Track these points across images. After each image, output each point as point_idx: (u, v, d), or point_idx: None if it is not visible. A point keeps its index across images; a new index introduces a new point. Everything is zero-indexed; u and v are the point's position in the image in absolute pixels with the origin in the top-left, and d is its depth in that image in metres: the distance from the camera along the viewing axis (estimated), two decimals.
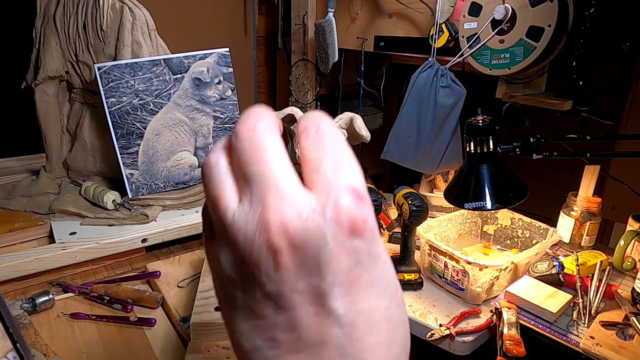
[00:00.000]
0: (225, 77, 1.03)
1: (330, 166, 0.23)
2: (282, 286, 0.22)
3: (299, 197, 0.22)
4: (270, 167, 0.22)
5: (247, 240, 0.22)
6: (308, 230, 0.21)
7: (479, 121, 0.79)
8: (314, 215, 0.22)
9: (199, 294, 0.64)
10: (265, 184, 0.22)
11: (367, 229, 0.22)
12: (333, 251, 0.22)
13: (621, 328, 0.75)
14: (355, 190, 0.22)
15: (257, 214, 0.21)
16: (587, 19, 0.91)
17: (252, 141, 0.22)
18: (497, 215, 1.07)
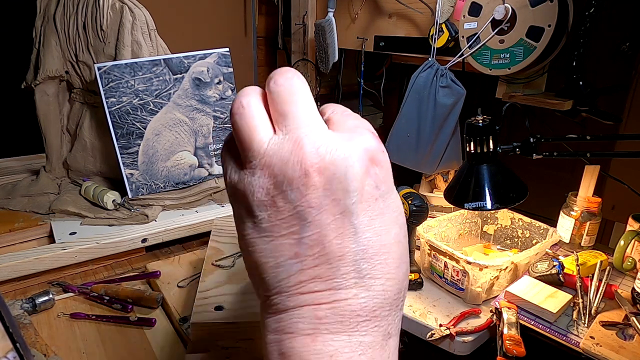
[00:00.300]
0: (225, 77, 1.03)
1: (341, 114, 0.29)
2: (310, 202, 0.24)
3: (329, 132, 0.26)
4: (305, 107, 0.26)
5: (282, 161, 0.25)
6: (338, 151, 0.25)
7: (479, 121, 0.79)
8: (343, 142, 0.25)
9: (199, 294, 0.64)
10: (300, 119, 0.25)
11: (384, 159, 0.27)
12: (358, 172, 0.25)
13: (621, 328, 0.75)
14: (372, 130, 0.28)
15: (292, 140, 0.25)
16: (587, 19, 0.91)
17: (291, 86, 0.26)
18: (497, 215, 1.07)
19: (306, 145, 0.25)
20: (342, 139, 0.26)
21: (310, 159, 0.24)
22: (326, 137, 0.25)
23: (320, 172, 0.25)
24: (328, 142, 0.25)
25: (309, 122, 0.26)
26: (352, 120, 0.28)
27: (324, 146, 0.25)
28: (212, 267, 0.71)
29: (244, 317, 0.59)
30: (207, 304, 0.62)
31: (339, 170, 0.25)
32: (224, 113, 1.05)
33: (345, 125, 0.28)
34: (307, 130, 0.25)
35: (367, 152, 0.26)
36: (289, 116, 0.26)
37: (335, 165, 0.25)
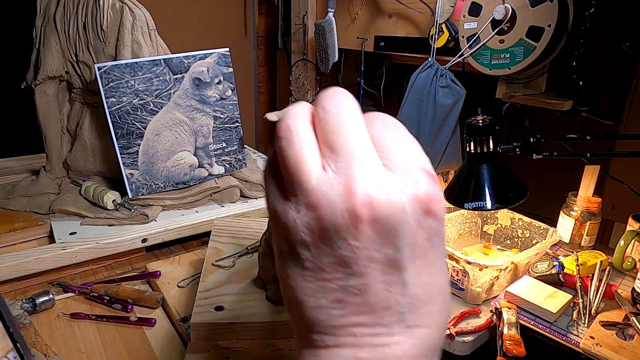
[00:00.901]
0: (225, 77, 1.03)
1: (402, 150, 0.25)
2: (358, 253, 0.23)
3: (383, 174, 0.23)
4: (358, 142, 0.23)
5: (330, 206, 0.23)
6: (391, 203, 0.23)
7: (479, 121, 0.79)
8: (396, 191, 0.23)
9: (199, 294, 0.64)
10: (351, 157, 0.23)
11: (441, 209, 0.24)
12: (412, 226, 0.23)
13: (621, 328, 0.75)
14: (429, 172, 0.24)
15: (342, 183, 0.23)
16: (587, 19, 0.91)
17: (340, 115, 0.23)
18: (497, 215, 1.07)
19: (358, 193, 0.22)
20: (396, 186, 0.23)
21: (361, 209, 0.22)
22: (380, 183, 0.23)
23: (372, 224, 0.23)
24: (382, 190, 0.23)
25: (362, 161, 0.23)
26: (405, 155, 0.25)
27: (378, 195, 0.23)
28: (212, 267, 0.71)
29: (244, 317, 0.60)
30: (207, 304, 0.62)
31: (391, 223, 0.23)
32: (224, 113, 1.05)
33: (399, 161, 0.24)
34: (359, 172, 0.23)
35: (423, 203, 0.24)
36: (339, 151, 0.23)
37: (388, 218, 0.23)
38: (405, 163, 0.24)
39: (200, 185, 1.04)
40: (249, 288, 0.66)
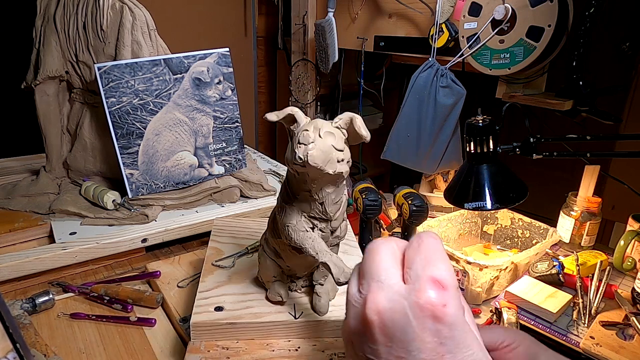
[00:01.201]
0: (225, 77, 1.03)
1: (420, 263, 0.29)
2: (377, 355, 0.28)
3: (392, 286, 0.28)
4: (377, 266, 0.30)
5: (356, 315, 0.29)
6: (393, 309, 0.27)
7: (479, 121, 0.79)
8: (399, 299, 0.27)
9: (199, 294, 0.64)
10: (372, 279, 0.29)
11: (448, 314, 0.27)
12: (416, 330, 0.27)
13: (621, 328, 0.75)
14: (437, 280, 0.28)
15: (363, 298, 0.29)
16: (587, 19, 0.91)
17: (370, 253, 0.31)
18: (497, 215, 1.07)
19: (369, 302, 0.28)
20: (402, 295, 0.28)
21: (371, 316, 0.28)
22: (388, 293, 0.28)
23: (381, 328, 0.28)
24: (388, 299, 0.28)
25: (381, 280, 0.29)
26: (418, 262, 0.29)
27: (383, 303, 0.28)
28: (212, 267, 0.71)
29: (244, 317, 0.60)
30: (207, 304, 0.62)
31: (397, 328, 0.27)
32: (224, 113, 1.05)
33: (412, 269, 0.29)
34: (374, 288, 0.29)
35: (425, 309, 0.27)
36: (366, 276, 0.30)
37: (393, 322, 0.27)
38: (417, 273, 0.28)
39: (200, 185, 1.04)
40: (249, 288, 0.66)
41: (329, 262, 0.50)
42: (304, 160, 0.46)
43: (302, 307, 0.62)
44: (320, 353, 0.58)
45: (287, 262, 0.61)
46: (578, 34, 0.93)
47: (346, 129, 0.50)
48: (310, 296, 0.64)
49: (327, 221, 0.54)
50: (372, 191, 0.88)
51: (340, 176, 0.50)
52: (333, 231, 0.56)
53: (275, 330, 0.60)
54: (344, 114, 0.50)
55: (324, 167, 0.47)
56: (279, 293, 0.62)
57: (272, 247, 0.61)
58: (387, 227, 1.15)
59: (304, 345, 0.59)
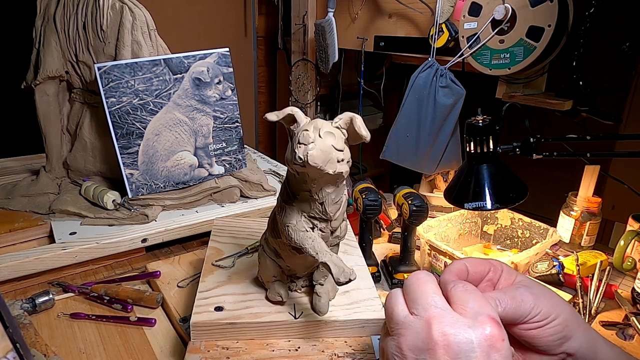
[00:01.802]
0: (225, 77, 1.03)
1: (476, 303, 0.35)
2: None
3: (454, 315, 0.34)
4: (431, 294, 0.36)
5: (415, 334, 0.34)
6: (457, 334, 0.32)
7: (479, 121, 0.79)
8: (464, 327, 0.33)
9: (199, 294, 0.64)
10: (427, 302, 0.35)
11: (504, 347, 0.33)
12: (478, 355, 0.32)
13: (621, 328, 0.75)
14: (494, 318, 0.34)
15: (422, 319, 0.34)
16: (587, 19, 0.91)
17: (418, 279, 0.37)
18: (497, 215, 1.07)
19: (435, 325, 0.33)
20: (466, 324, 0.33)
21: (436, 337, 0.32)
22: (451, 321, 0.33)
23: (445, 349, 0.32)
24: (453, 325, 0.33)
25: (436, 305, 0.34)
26: (473, 302, 0.35)
27: (449, 329, 0.32)
28: (212, 267, 0.72)
29: (244, 317, 0.60)
30: (207, 304, 0.62)
31: (460, 351, 0.32)
32: (224, 113, 1.05)
33: (468, 307, 0.35)
34: (436, 312, 0.34)
35: (488, 340, 0.32)
36: (419, 299, 0.35)
37: (458, 346, 0.32)
38: (476, 311, 0.34)
39: (200, 185, 1.04)
40: (249, 288, 0.66)
41: (329, 262, 0.50)
42: (304, 160, 0.46)
43: (302, 307, 0.62)
44: (320, 353, 0.58)
45: (287, 262, 0.61)
46: (578, 34, 0.93)
47: (346, 129, 0.50)
48: (310, 296, 0.64)
49: (327, 221, 0.54)
50: (372, 191, 0.88)
51: (340, 176, 0.50)
52: (333, 231, 0.56)
53: (275, 330, 0.60)
54: (344, 114, 0.50)
55: (324, 167, 0.47)
56: (279, 293, 0.62)
57: (272, 247, 0.61)
58: (387, 227, 1.15)
59: (304, 345, 0.59)
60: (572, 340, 0.39)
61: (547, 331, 0.38)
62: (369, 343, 0.60)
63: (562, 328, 0.39)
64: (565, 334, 0.39)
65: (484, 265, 0.42)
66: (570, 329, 0.39)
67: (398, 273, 0.88)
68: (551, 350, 0.39)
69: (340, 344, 0.60)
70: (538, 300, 0.39)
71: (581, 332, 0.40)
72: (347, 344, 0.60)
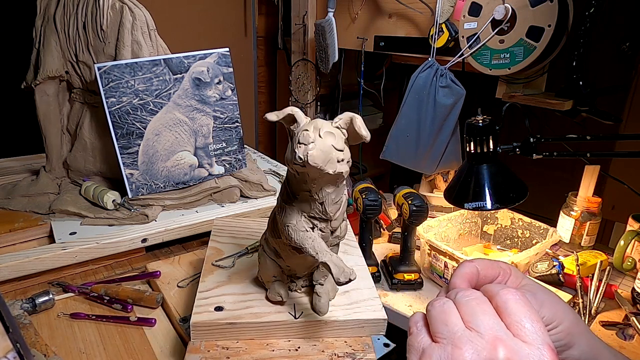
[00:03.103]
0: (225, 77, 1.03)
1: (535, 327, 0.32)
2: None
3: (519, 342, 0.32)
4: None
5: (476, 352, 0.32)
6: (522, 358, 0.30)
7: (479, 121, 0.79)
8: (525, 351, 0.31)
9: (199, 294, 0.64)
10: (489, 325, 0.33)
11: None
12: None
13: (621, 328, 0.75)
14: (554, 350, 0.32)
15: (485, 338, 0.32)
16: (587, 19, 0.91)
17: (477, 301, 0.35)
18: (497, 215, 1.07)
19: (500, 348, 0.31)
20: (530, 355, 0.31)
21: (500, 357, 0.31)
22: (515, 348, 0.31)
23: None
24: (517, 353, 0.31)
25: (499, 329, 0.32)
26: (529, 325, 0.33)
27: (515, 355, 0.31)
28: (212, 267, 0.72)
29: (244, 317, 0.60)
30: (207, 304, 0.62)
31: None
32: (224, 113, 1.05)
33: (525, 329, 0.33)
34: (500, 335, 0.32)
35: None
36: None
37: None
38: (535, 337, 0.32)
39: (200, 185, 1.04)
40: (249, 288, 0.66)
41: (329, 262, 0.50)
42: (304, 160, 0.46)
43: (302, 307, 0.62)
44: (320, 353, 0.58)
45: (287, 262, 0.61)
46: (578, 34, 0.93)
47: (346, 129, 0.50)
48: (310, 296, 0.64)
49: (327, 221, 0.54)
50: (372, 191, 0.88)
51: (340, 176, 0.50)
52: (333, 231, 0.56)
53: (275, 330, 0.60)
54: (344, 114, 0.50)
55: (324, 167, 0.47)
56: (279, 293, 0.62)
57: (272, 247, 0.61)
58: (387, 227, 1.15)
59: (304, 345, 0.59)
60: (574, 349, 0.39)
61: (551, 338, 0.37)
62: (369, 343, 0.60)
63: (565, 336, 0.38)
64: (567, 342, 0.39)
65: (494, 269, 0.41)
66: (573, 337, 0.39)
67: (398, 273, 0.88)
68: None
69: (340, 344, 0.60)
70: (542, 307, 0.38)
71: (584, 340, 0.39)
72: (347, 344, 0.60)
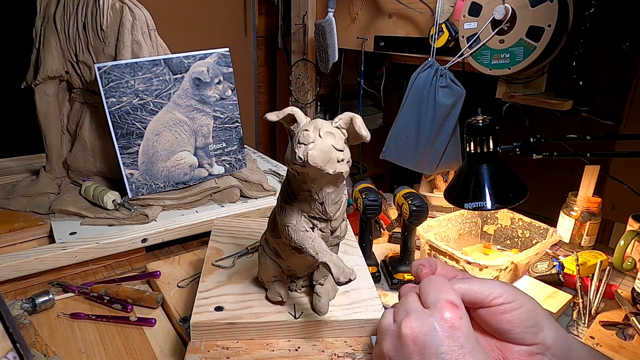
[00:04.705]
0: (225, 77, 1.03)
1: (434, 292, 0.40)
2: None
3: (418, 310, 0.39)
4: (406, 302, 0.41)
5: (392, 337, 0.40)
6: (423, 324, 0.37)
7: (479, 121, 0.79)
8: (426, 317, 0.38)
9: (199, 294, 0.64)
10: (404, 310, 0.40)
11: (463, 324, 0.37)
12: (441, 339, 0.36)
13: (621, 328, 0.75)
14: (451, 301, 0.38)
15: (397, 322, 0.40)
16: (587, 19, 0.91)
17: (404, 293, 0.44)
18: (497, 215, 1.07)
19: (404, 323, 0.38)
20: (427, 314, 0.38)
21: (405, 333, 0.37)
22: (416, 315, 0.38)
23: (414, 342, 0.37)
24: (417, 318, 0.37)
25: (409, 308, 0.40)
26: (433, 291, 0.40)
27: (415, 323, 0.37)
28: (212, 267, 0.72)
29: (244, 317, 0.60)
30: (207, 304, 0.62)
31: (426, 339, 0.36)
32: (224, 113, 1.05)
33: (429, 297, 0.39)
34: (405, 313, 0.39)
35: (448, 322, 0.36)
36: (397, 310, 0.41)
37: (423, 335, 0.36)
38: (434, 298, 0.39)
39: (200, 185, 1.04)
40: (249, 288, 0.66)
41: (329, 262, 0.50)
42: (304, 160, 0.46)
43: (302, 307, 0.62)
44: (320, 353, 0.58)
45: (287, 262, 0.61)
46: (578, 34, 0.93)
47: (346, 129, 0.50)
48: (310, 296, 0.64)
49: (327, 221, 0.54)
50: (372, 191, 0.88)
51: (340, 176, 0.50)
52: (333, 231, 0.56)
53: (275, 330, 0.60)
54: (344, 114, 0.50)
55: (324, 167, 0.47)
56: (279, 293, 0.62)
57: (272, 247, 0.61)
58: (387, 227, 1.15)
59: (304, 345, 0.59)
60: (546, 330, 0.41)
61: (519, 316, 0.41)
62: (369, 343, 0.60)
63: (533, 315, 0.41)
64: (537, 322, 0.41)
65: (453, 272, 0.46)
66: (541, 319, 0.41)
67: (398, 273, 0.88)
68: (528, 339, 0.41)
69: (340, 344, 0.60)
70: (500, 286, 0.42)
71: (553, 326, 0.42)
72: (347, 344, 0.60)
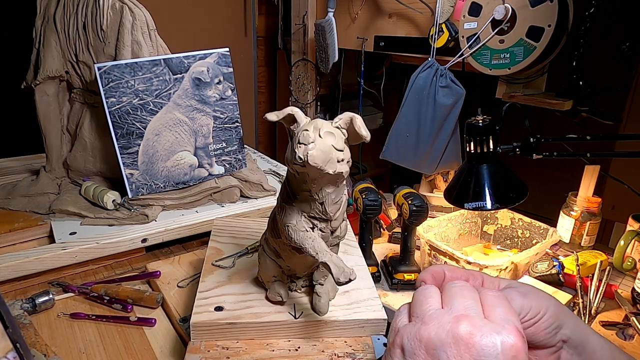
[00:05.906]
0: (225, 77, 1.03)
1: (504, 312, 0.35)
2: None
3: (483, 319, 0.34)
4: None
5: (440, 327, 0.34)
6: (486, 339, 0.32)
7: (479, 121, 0.79)
8: (492, 333, 0.32)
9: (199, 294, 0.64)
10: (464, 306, 0.35)
11: (524, 353, 0.33)
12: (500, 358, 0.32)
13: (621, 328, 0.75)
14: (520, 330, 0.34)
15: (453, 314, 0.34)
16: (587, 19, 0.91)
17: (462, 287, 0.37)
18: (497, 215, 1.07)
19: (463, 322, 0.33)
20: (493, 329, 0.33)
21: (462, 333, 0.32)
22: (480, 323, 0.33)
23: (468, 347, 0.32)
24: (481, 328, 0.32)
25: (471, 309, 0.34)
26: (501, 309, 0.35)
27: (477, 329, 0.32)
28: (212, 267, 0.72)
29: (244, 317, 0.60)
30: (207, 304, 0.62)
31: (484, 354, 0.32)
32: (224, 113, 1.05)
33: (496, 312, 0.35)
34: (467, 313, 0.34)
35: (512, 350, 0.32)
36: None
37: (483, 348, 0.32)
38: (503, 318, 0.34)
39: (200, 185, 1.04)
40: (249, 288, 0.66)
41: (329, 262, 0.50)
42: (304, 160, 0.46)
43: (302, 307, 0.62)
44: (320, 353, 0.58)
45: (287, 262, 0.61)
46: (578, 34, 0.93)
47: (346, 129, 0.50)
48: (310, 296, 0.64)
49: (327, 221, 0.54)
50: (372, 191, 0.88)
51: (340, 176, 0.50)
52: (333, 231, 0.56)
53: (275, 330, 0.60)
54: (344, 114, 0.50)
55: (324, 167, 0.47)
56: (279, 293, 0.62)
57: (272, 247, 0.61)
58: (387, 227, 1.15)
59: (304, 345, 0.59)
60: (564, 327, 0.40)
61: (542, 325, 0.40)
62: (369, 343, 0.60)
63: (555, 319, 0.40)
64: (558, 324, 0.40)
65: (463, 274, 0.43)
66: (561, 317, 0.41)
67: (398, 273, 0.88)
68: (549, 342, 0.40)
69: (340, 344, 0.60)
70: (526, 297, 0.40)
71: (571, 319, 0.41)
72: (347, 344, 0.60)
